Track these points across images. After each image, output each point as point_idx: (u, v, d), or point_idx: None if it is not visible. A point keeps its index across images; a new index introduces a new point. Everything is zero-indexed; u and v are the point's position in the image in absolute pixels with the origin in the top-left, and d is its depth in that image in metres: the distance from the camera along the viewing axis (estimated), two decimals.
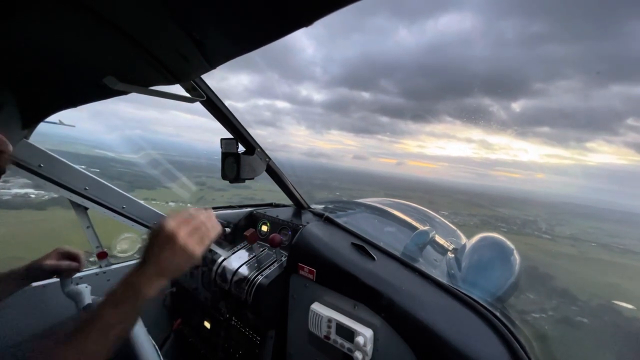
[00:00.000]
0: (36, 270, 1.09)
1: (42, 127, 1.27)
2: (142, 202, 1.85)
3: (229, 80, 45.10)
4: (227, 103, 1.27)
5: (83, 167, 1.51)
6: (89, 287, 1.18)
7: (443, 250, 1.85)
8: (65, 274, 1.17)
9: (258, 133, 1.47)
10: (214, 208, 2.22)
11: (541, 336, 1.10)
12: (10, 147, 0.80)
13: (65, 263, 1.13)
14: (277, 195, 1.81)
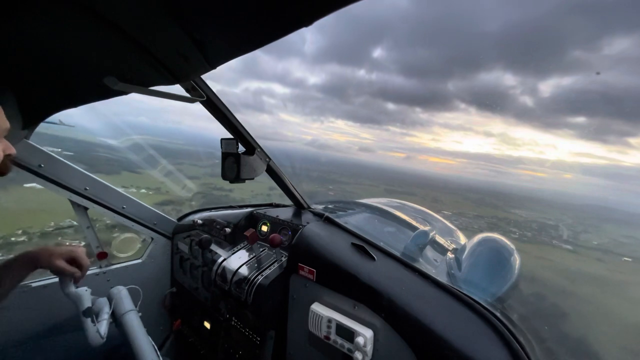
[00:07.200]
0: (46, 262, 1.12)
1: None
2: (142, 202, 1.85)
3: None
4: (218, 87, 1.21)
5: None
6: (89, 290, 1.19)
7: (443, 250, 1.85)
8: (66, 277, 1.17)
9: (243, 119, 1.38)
10: (214, 208, 2.22)
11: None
12: (14, 151, 0.82)
13: (71, 269, 1.15)
14: (253, 186, 1.77)
